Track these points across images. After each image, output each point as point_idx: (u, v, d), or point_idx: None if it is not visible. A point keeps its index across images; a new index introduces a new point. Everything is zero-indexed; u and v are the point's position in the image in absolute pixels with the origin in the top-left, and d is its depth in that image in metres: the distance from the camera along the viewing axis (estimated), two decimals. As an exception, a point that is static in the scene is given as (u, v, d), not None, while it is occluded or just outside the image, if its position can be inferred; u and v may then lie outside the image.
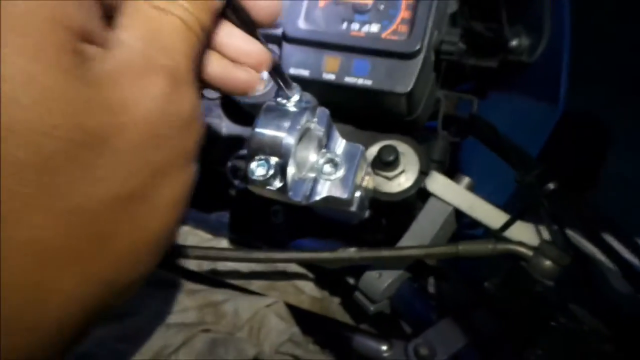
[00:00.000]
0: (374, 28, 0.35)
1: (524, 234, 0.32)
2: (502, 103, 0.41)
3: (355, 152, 0.29)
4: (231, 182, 0.42)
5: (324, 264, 0.38)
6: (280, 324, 0.33)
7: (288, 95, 0.25)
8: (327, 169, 0.28)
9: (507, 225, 0.32)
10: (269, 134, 0.24)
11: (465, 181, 0.35)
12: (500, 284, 0.31)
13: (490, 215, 0.33)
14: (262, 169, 0.24)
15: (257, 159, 0.24)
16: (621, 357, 0.27)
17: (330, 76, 0.35)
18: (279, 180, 0.24)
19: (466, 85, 0.42)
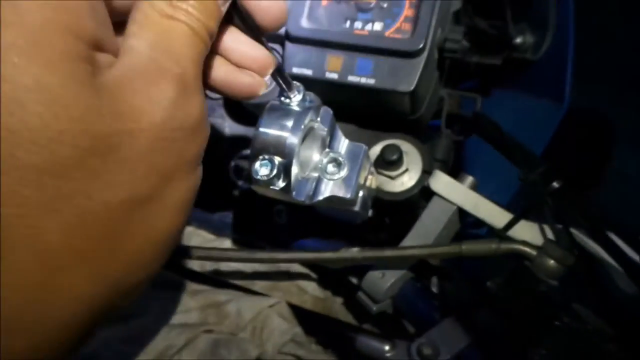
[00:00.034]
0: (377, 26, 0.35)
1: (527, 233, 0.32)
2: (506, 101, 0.41)
3: (359, 152, 0.29)
4: (234, 182, 0.42)
5: (326, 264, 0.38)
6: (283, 324, 0.33)
7: (290, 95, 0.25)
8: (331, 169, 0.28)
9: (511, 224, 0.32)
10: (272, 133, 0.24)
11: (468, 180, 0.35)
12: (504, 284, 0.31)
13: (494, 214, 0.33)
14: (266, 168, 0.24)
15: (261, 158, 0.24)
16: (625, 357, 0.27)
17: (333, 75, 0.35)
18: (282, 180, 0.24)
19: (470, 84, 0.42)
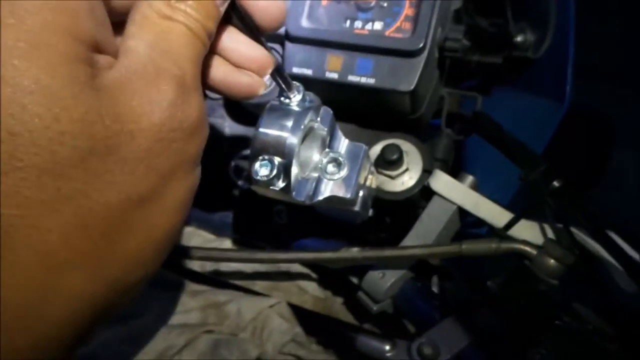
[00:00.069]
0: (378, 26, 0.35)
1: (528, 233, 0.32)
2: (507, 100, 0.40)
3: (359, 152, 0.29)
4: (234, 183, 0.42)
5: (327, 264, 0.38)
6: (283, 324, 0.33)
7: (290, 95, 0.25)
8: (331, 169, 0.28)
9: (511, 223, 0.32)
10: (272, 134, 0.24)
11: (469, 180, 0.35)
12: (504, 283, 0.31)
13: (494, 213, 0.33)
14: (266, 169, 0.24)
15: (261, 159, 0.24)
16: (626, 357, 0.27)
17: (333, 75, 0.35)
18: (282, 180, 0.24)
19: (470, 83, 0.42)
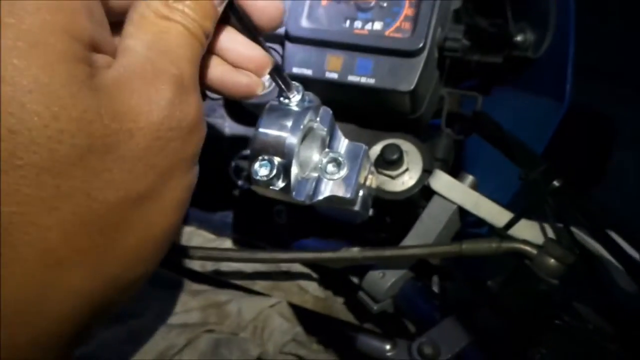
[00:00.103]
0: (377, 26, 0.35)
1: (528, 232, 0.32)
2: (507, 100, 0.40)
3: (358, 152, 0.29)
4: (234, 183, 0.42)
5: (327, 264, 0.38)
6: (284, 324, 0.33)
7: (289, 96, 0.25)
8: (330, 169, 0.28)
9: (512, 223, 0.32)
10: (272, 134, 0.24)
11: (469, 179, 0.35)
12: (504, 283, 0.31)
13: (495, 213, 0.33)
14: (266, 169, 0.24)
15: (261, 159, 0.24)
16: (626, 356, 0.27)
17: (333, 75, 0.35)
18: (282, 180, 0.24)
19: (470, 83, 0.42)
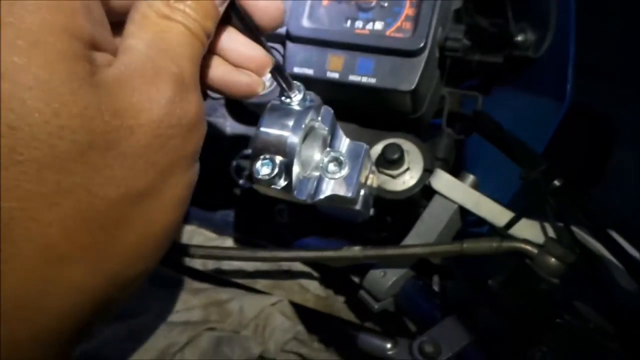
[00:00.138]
0: (378, 26, 0.35)
1: (529, 232, 0.32)
2: (507, 99, 0.41)
3: (360, 151, 0.29)
4: (236, 182, 0.43)
5: (328, 263, 0.38)
6: (285, 322, 0.33)
7: (291, 95, 0.25)
8: (332, 168, 0.28)
9: (512, 222, 0.32)
10: (273, 133, 0.24)
11: (469, 179, 0.35)
12: (505, 282, 0.31)
13: (495, 212, 0.33)
14: (267, 168, 0.24)
15: (262, 158, 0.24)
16: (626, 355, 0.27)
17: (334, 75, 0.35)
18: (283, 179, 0.24)
19: (471, 82, 0.42)
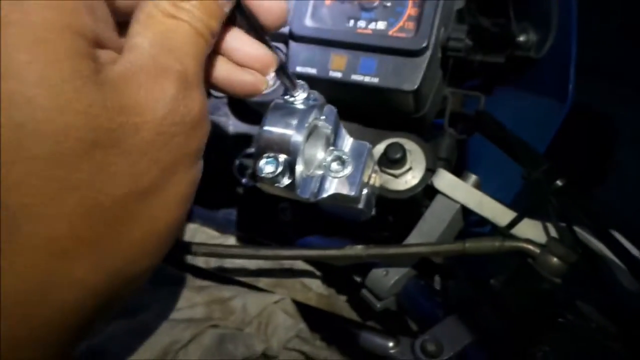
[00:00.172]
0: (381, 25, 0.35)
1: (531, 232, 0.32)
2: (510, 100, 0.41)
3: (363, 150, 0.29)
4: (238, 180, 0.43)
5: (331, 261, 0.38)
6: (288, 320, 0.33)
7: (294, 94, 0.25)
8: (335, 167, 0.28)
9: (514, 222, 0.32)
10: (277, 131, 0.24)
11: (472, 179, 0.35)
12: (507, 282, 0.31)
13: (497, 212, 0.33)
14: (271, 166, 0.24)
15: (266, 156, 0.24)
16: (628, 355, 0.27)
17: (337, 74, 0.35)
18: (287, 178, 0.25)
19: (473, 82, 0.42)
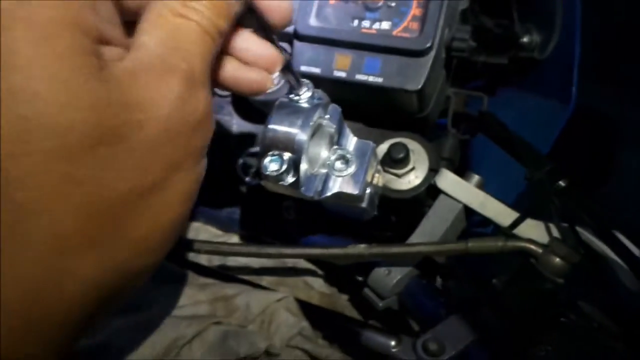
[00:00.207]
0: (385, 25, 0.35)
1: (533, 232, 0.32)
2: (513, 100, 0.41)
3: (366, 149, 0.29)
4: (242, 179, 0.43)
5: (334, 260, 0.38)
6: (290, 318, 0.33)
7: (299, 92, 0.25)
8: (339, 166, 0.28)
9: (517, 222, 0.32)
10: (282, 130, 0.24)
11: (475, 179, 0.35)
12: (509, 281, 0.31)
13: (500, 212, 0.33)
14: (276, 164, 0.24)
15: (271, 154, 0.24)
16: (631, 355, 0.27)
17: (341, 74, 0.35)
18: (291, 176, 0.25)
19: (476, 83, 0.42)
